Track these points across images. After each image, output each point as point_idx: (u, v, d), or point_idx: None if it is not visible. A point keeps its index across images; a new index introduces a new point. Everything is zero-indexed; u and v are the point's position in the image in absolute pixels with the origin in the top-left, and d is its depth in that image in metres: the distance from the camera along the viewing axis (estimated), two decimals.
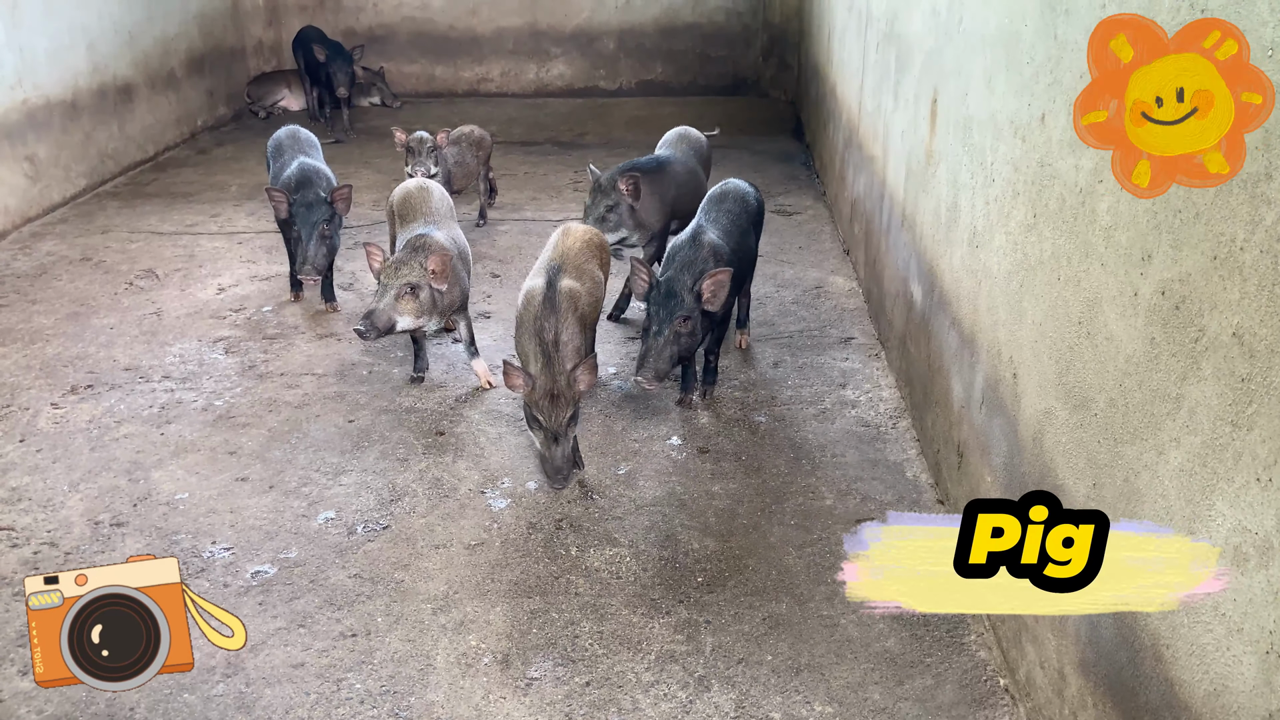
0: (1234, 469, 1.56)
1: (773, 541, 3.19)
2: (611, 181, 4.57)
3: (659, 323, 3.56)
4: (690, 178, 4.96)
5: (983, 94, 2.98)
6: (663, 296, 3.59)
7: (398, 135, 5.65)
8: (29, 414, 3.97)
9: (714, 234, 3.89)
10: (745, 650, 2.72)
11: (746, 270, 4.26)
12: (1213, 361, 1.62)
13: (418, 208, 4.26)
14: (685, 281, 3.60)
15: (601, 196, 4.55)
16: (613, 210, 4.56)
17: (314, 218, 4.55)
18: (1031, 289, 2.48)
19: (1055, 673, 2.26)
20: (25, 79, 6.26)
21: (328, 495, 3.44)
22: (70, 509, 3.35)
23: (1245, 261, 1.53)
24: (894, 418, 3.92)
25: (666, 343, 3.55)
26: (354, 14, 10.07)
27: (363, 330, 3.62)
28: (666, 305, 3.57)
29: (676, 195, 4.81)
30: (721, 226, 4.01)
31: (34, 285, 5.31)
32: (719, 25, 10.05)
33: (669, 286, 3.60)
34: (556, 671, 2.64)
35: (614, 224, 4.57)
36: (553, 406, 3.22)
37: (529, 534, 3.24)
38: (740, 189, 4.31)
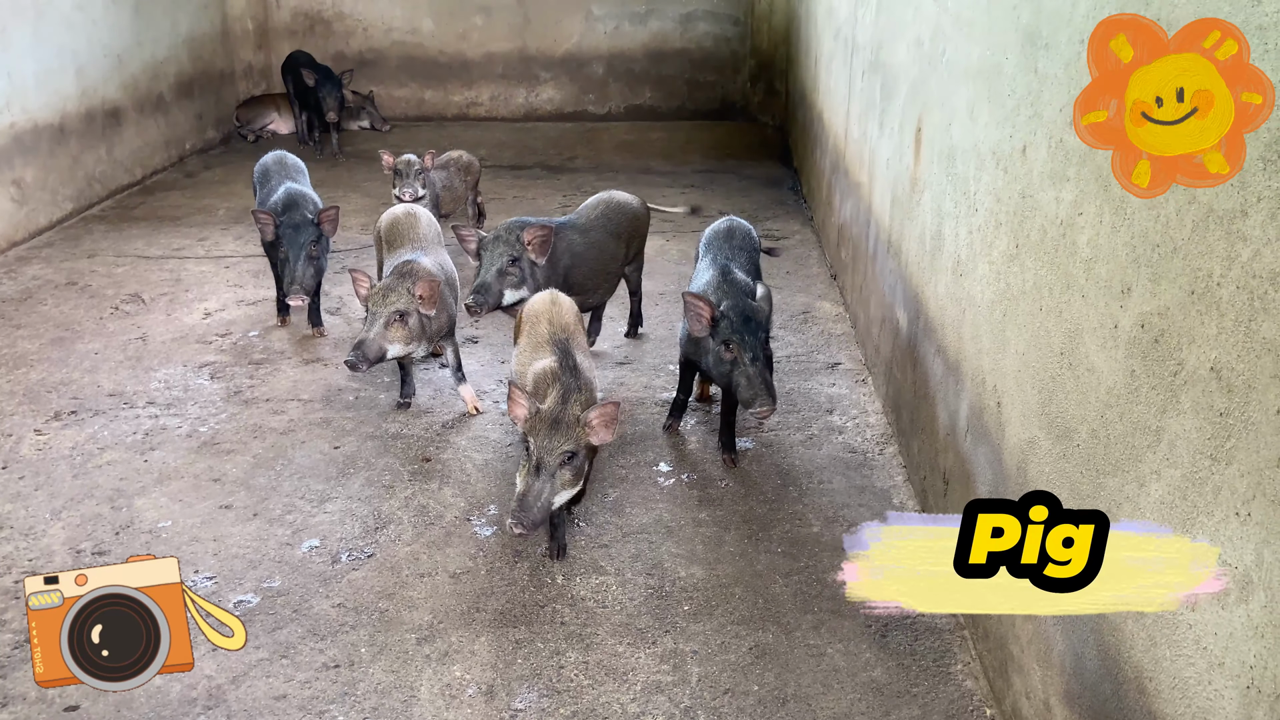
0: (1214, 503, 1.57)
1: (760, 569, 3.18)
2: (514, 232, 4.05)
3: (751, 349, 3.33)
4: (591, 251, 4.38)
5: (966, 124, 3.01)
6: (740, 323, 3.35)
7: (385, 158, 5.67)
8: (11, 440, 3.94)
9: (739, 271, 3.73)
10: (731, 680, 2.70)
11: None
12: (1192, 395, 1.63)
13: (405, 233, 4.27)
14: (757, 308, 3.44)
15: (503, 247, 4.01)
16: (515, 263, 4.01)
17: (301, 239, 4.55)
18: (1014, 318, 2.49)
19: (1041, 704, 2.26)
20: (13, 103, 6.26)
21: (312, 523, 3.42)
22: (52, 537, 3.32)
23: (1222, 297, 1.55)
24: (881, 444, 3.93)
25: (761, 367, 3.34)
26: (344, 38, 10.12)
27: (353, 361, 3.60)
28: (751, 331, 3.35)
29: (570, 265, 4.27)
30: (740, 264, 3.83)
31: (19, 310, 5.28)
32: (707, 51, 10.14)
33: (744, 311, 3.38)
34: (541, 703, 2.63)
35: (516, 280, 4.02)
36: (550, 433, 2.90)
37: (515, 562, 3.22)
38: (744, 224, 4.17)
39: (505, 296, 4.01)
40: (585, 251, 4.33)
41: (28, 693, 2.63)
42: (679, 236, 6.53)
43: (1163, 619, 1.71)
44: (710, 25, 10.07)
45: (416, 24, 10.09)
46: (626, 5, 9.99)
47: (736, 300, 3.44)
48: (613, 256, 4.47)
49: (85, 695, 2.62)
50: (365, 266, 5.82)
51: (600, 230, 4.42)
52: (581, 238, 4.34)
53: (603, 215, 4.49)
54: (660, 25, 10.07)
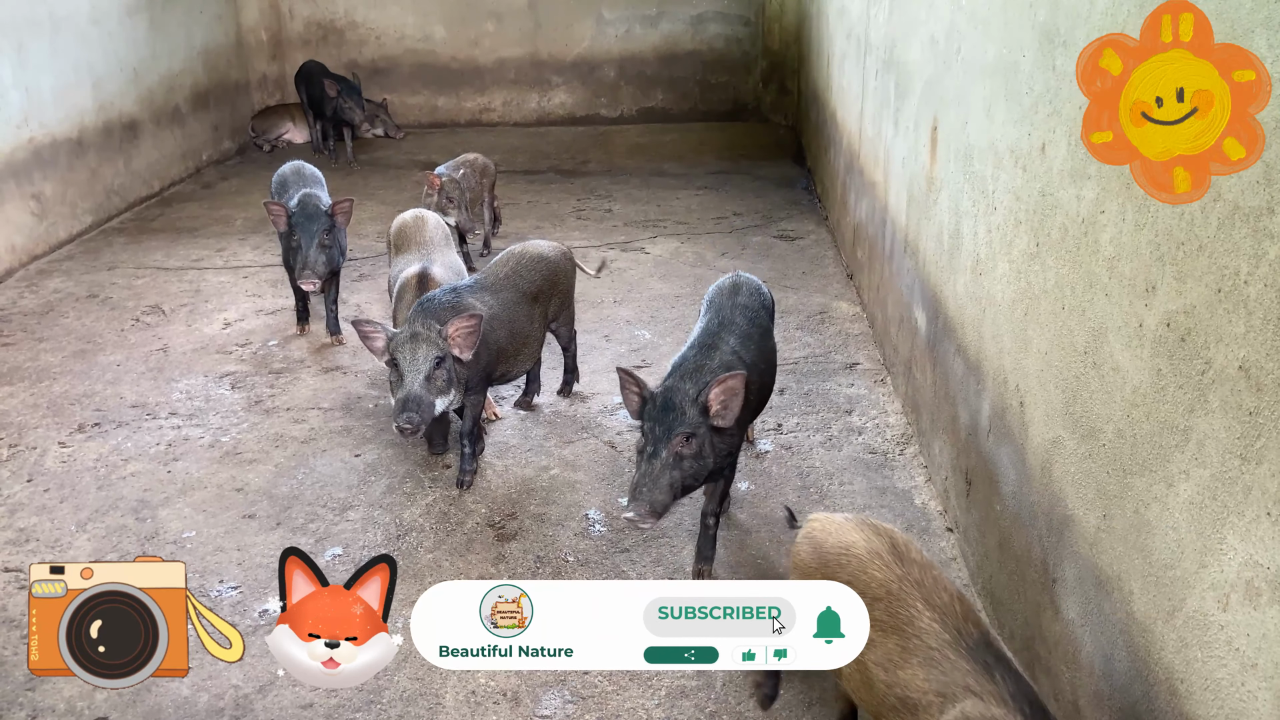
0: (1244, 503, 1.55)
1: (782, 573, 3.17)
2: (432, 326, 3.33)
3: (654, 442, 2.82)
4: (503, 313, 3.70)
5: (983, 123, 2.99)
6: (659, 410, 2.85)
7: (431, 179, 5.57)
8: (36, 453, 3.97)
9: (732, 339, 3.15)
10: (755, 686, 2.69)
11: (769, 382, 3.43)
12: (1220, 394, 1.61)
13: (412, 237, 4.34)
14: (687, 391, 2.87)
15: (424, 347, 3.30)
16: (441, 365, 3.33)
17: (314, 226, 4.62)
18: (1036, 317, 2.48)
19: (1070, 705, 2.24)
20: (32, 118, 6.32)
21: (334, 531, 3.44)
22: (78, 549, 3.35)
23: (1250, 295, 1.53)
24: (901, 444, 3.91)
25: (665, 467, 2.79)
26: (357, 47, 10.17)
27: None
28: (664, 420, 2.83)
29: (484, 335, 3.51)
30: (739, 329, 3.23)
31: (41, 323, 5.33)
32: (719, 52, 10.13)
33: (666, 398, 2.86)
34: (566, 709, 2.63)
35: (444, 383, 3.36)
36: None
37: (537, 568, 3.23)
38: (753, 280, 3.57)
39: (436, 407, 3.35)
40: (498, 314, 3.66)
41: (57, 705, 2.65)
42: (694, 239, 6.53)
43: (1194, 620, 1.69)
44: (721, 26, 10.07)
45: (428, 31, 10.13)
46: (637, 8, 9.99)
47: (675, 383, 2.91)
48: (527, 318, 3.83)
49: (114, 707, 2.64)
50: (380, 273, 5.85)
51: (510, 290, 3.79)
52: (493, 299, 3.69)
53: (513, 272, 3.86)
54: (671, 27, 10.07)
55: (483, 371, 3.60)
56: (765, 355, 3.31)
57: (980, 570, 2.97)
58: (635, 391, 2.90)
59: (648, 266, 6.04)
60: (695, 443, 2.82)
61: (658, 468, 2.79)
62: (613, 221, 7.02)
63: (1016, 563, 2.63)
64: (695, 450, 2.83)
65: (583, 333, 4.74)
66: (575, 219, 7.09)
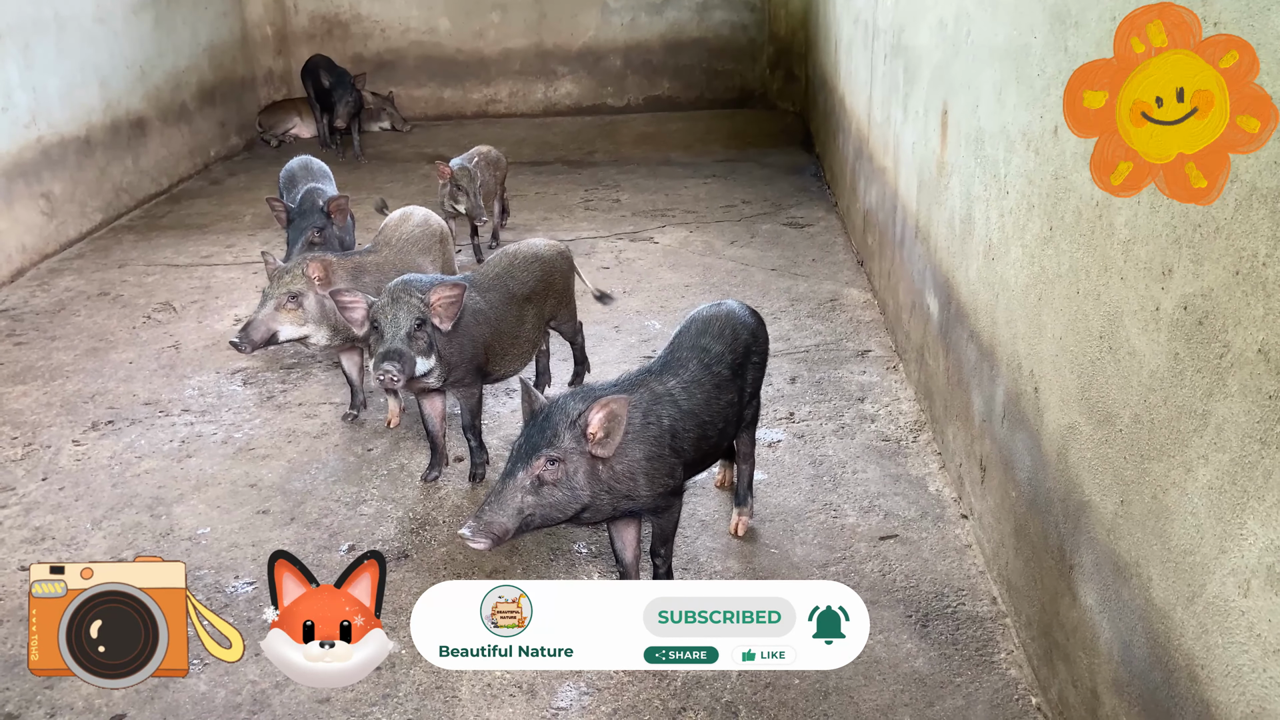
0: (1264, 487, 1.53)
1: (796, 561, 3.17)
2: (414, 292, 3.30)
3: (512, 460, 2.51)
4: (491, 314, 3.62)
5: (993, 106, 2.96)
6: (535, 426, 2.53)
7: (442, 169, 5.60)
8: (50, 451, 3.99)
9: (672, 381, 2.81)
10: (772, 674, 2.69)
11: (716, 438, 2.94)
12: (1239, 378, 1.60)
13: (389, 237, 4.26)
14: (569, 410, 2.53)
15: (404, 310, 3.26)
16: (421, 327, 3.28)
17: (304, 224, 4.61)
18: (1050, 302, 2.45)
19: (1088, 692, 2.23)
20: (39, 117, 6.34)
21: (348, 526, 3.44)
22: (94, 547, 3.36)
23: (1269, 277, 1.51)
24: (914, 431, 3.90)
25: (518, 490, 2.45)
26: (362, 40, 10.16)
27: None
28: (533, 438, 2.50)
29: (473, 332, 3.51)
30: (688, 373, 2.85)
31: (53, 322, 5.35)
32: (724, 39, 10.08)
33: (547, 413, 2.54)
34: (582, 701, 2.63)
35: (424, 345, 3.29)
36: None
37: (551, 560, 3.23)
38: (736, 317, 3.10)
39: (418, 365, 3.28)
40: (484, 312, 3.58)
41: (74, 702, 2.66)
42: (703, 228, 6.51)
43: (1214, 605, 1.68)
44: (727, 13, 10.02)
45: (433, 23, 10.11)
46: None
47: (564, 400, 2.58)
48: (517, 319, 3.72)
49: (132, 704, 2.65)
50: None
51: (498, 291, 3.69)
52: (481, 298, 3.61)
53: (504, 272, 3.78)
54: (676, 15, 10.02)
55: (469, 363, 3.50)
56: (714, 408, 2.87)
57: (996, 557, 2.96)
58: (527, 403, 2.61)
59: (657, 256, 6.03)
60: (561, 469, 2.47)
61: (509, 488, 2.45)
62: (621, 211, 7.01)
63: (1033, 549, 2.61)
64: (561, 477, 2.47)
65: (592, 323, 4.73)
66: (583, 209, 7.07)
